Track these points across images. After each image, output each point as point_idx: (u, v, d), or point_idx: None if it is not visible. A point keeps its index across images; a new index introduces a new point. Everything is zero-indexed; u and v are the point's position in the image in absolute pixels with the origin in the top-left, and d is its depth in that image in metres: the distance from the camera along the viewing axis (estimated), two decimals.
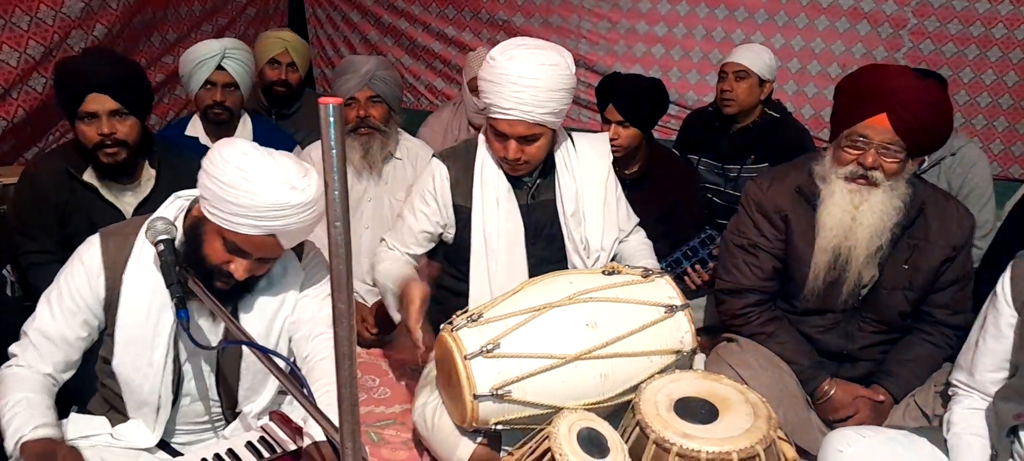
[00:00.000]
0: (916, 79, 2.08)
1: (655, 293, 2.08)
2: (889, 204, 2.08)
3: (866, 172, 2.08)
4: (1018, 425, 1.87)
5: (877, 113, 2.03)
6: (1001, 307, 1.91)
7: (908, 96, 2.02)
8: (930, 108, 2.04)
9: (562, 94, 2.11)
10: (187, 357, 1.79)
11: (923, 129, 2.04)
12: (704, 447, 1.75)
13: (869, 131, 2.06)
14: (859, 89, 2.11)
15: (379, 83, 2.80)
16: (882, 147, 2.05)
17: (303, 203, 1.59)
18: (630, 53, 4.79)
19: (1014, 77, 4.38)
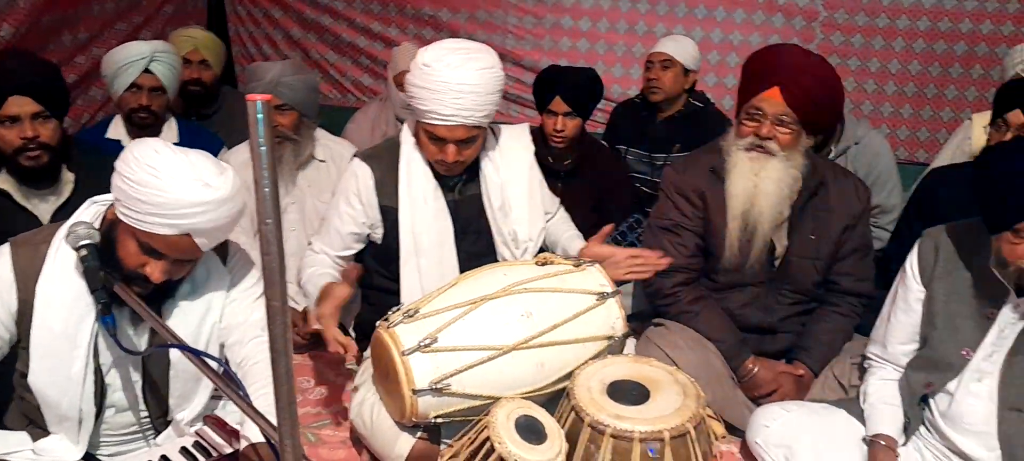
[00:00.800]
0: (806, 56, 2.24)
1: (587, 281, 2.13)
2: (786, 173, 2.22)
3: (762, 142, 2.21)
4: (928, 394, 1.99)
5: (770, 87, 2.18)
6: (910, 283, 2.02)
7: (798, 71, 2.17)
8: (819, 82, 2.18)
9: (498, 95, 2.15)
10: (110, 367, 1.73)
11: (813, 102, 2.18)
12: (637, 427, 1.80)
13: (764, 104, 2.19)
14: (755, 66, 2.26)
15: (285, 90, 2.71)
16: (776, 119, 2.18)
17: (217, 200, 1.55)
18: (556, 48, 4.85)
19: (917, 66, 4.62)
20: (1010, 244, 1.71)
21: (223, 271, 1.80)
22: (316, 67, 5.09)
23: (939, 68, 4.60)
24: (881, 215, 3.18)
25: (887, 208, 3.16)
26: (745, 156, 2.25)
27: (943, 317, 1.94)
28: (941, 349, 1.94)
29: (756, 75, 2.23)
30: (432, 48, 2.12)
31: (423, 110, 2.10)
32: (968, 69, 4.58)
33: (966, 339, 1.90)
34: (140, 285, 1.62)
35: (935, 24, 4.52)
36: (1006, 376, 1.83)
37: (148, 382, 1.76)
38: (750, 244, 2.31)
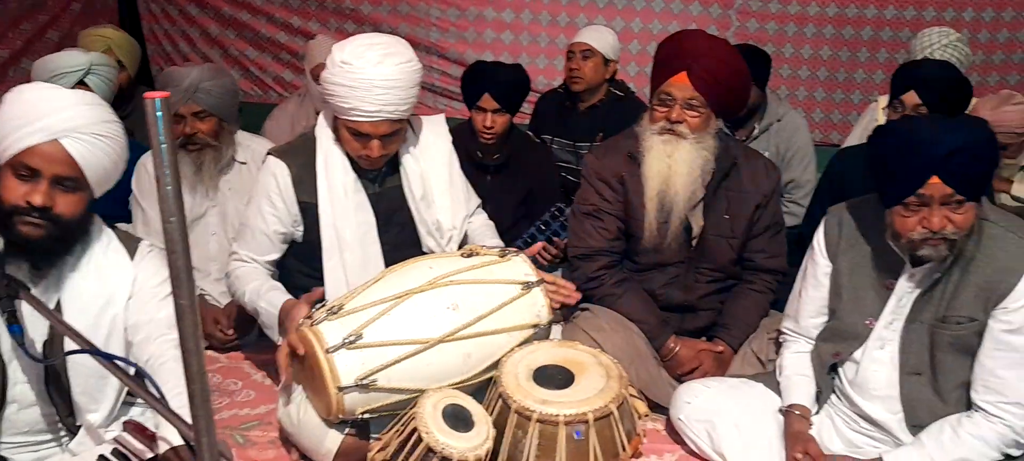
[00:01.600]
0: (711, 41, 2.32)
1: (512, 271, 2.15)
2: (697, 155, 2.30)
3: (672, 126, 2.27)
4: (836, 363, 2.09)
5: (678, 72, 2.24)
6: (818, 259, 2.12)
7: (704, 56, 2.24)
8: (724, 66, 2.26)
9: (418, 88, 2.17)
10: (10, 358, 1.67)
11: (720, 85, 2.25)
12: (562, 411, 1.85)
13: (673, 89, 2.26)
14: (663, 53, 2.33)
15: (204, 96, 2.64)
16: (685, 103, 2.26)
17: (76, 101, 1.62)
18: (480, 40, 4.86)
19: (828, 51, 4.81)
20: (901, 217, 1.81)
21: (128, 266, 1.78)
22: (235, 65, 4.98)
23: (848, 52, 4.80)
24: (796, 189, 3.32)
25: (801, 183, 3.30)
26: (658, 140, 2.32)
27: (848, 289, 2.04)
28: (847, 320, 2.04)
29: (664, 61, 2.30)
30: (348, 45, 2.11)
31: (346, 108, 2.10)
32: (874, 53, 4.79)
33: (869, 309, 2.00)
34: (29, 222, 1.60)
35: (842, 10, 4.71)
36: (905, 342, 1.94)
37: (50, 377, 1.71)
38: (667, 224, 2.38)
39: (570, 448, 1.85)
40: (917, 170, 1.74)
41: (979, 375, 1.86)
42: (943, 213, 1.75)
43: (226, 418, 2.40)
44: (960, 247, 1.81)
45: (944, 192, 1.73)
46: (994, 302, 1.81)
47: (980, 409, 1.86)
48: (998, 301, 1.80)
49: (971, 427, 1.85)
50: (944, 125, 1.78)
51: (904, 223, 1.81)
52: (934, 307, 1.89)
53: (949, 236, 1.77)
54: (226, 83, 2.74)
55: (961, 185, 1.72)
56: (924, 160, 1.73)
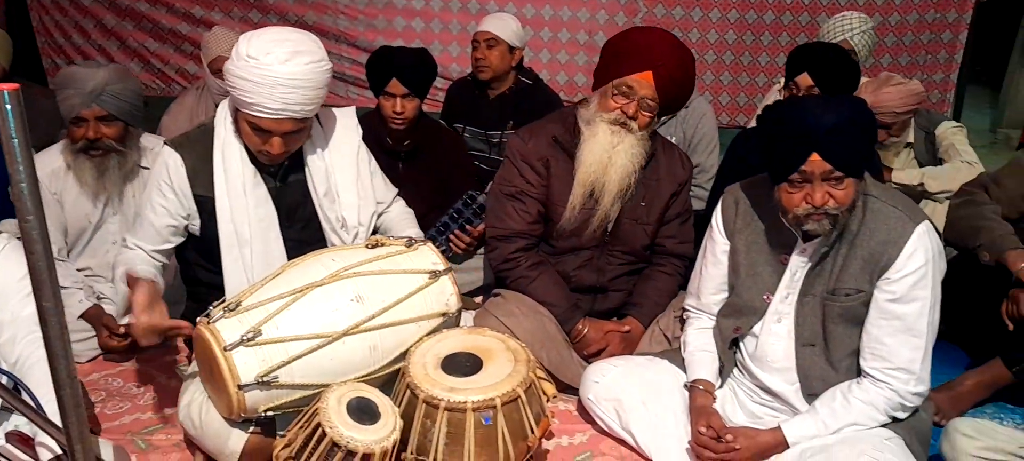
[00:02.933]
0: (676, 44, 2.33)
1: (419, 261, 2.14)
2: (639, 150, 2.33)
3: (626, 120, 2.29)
4: (737, 337, 2.16)
5: (645, 70, 2.25)
6: (716, 237, 2.18)
7: (671, 60, 2.26)
8: (685, 73, 2.31)
9: (326, 88, 2.10)
10: None
11: (678, 89, 2.30)
12: (470, 397, 1.84)
13: (635, 84, 2.27)
14: (630, 46, 2.31)
15: (111, 99, 2.52)
16: (644, 101, 2.27)
17: None
18: (391, 27, 4.81)
19: (733, 35, 4.94)
20: (787, 194, 1.88)
21: None
22: (135, 57, 4.80)
23: (752, 36, 4.95)
24: (701, 174, 3.40)
25: (706, 168, 3.38)
26: (607, 129, 2.31)
27: (745, 266, 2.10)
28: (745, 295, 2.11)
29: (628, 56, 2.29)
30: (255, 39, 2.01)
31: (248, 102, 2.01)
32: (777, 36, 4.95)
33: (766, 284, 2.07)
34: None
35: None
36: (799, 315, 2.02)
37: None
38: (592, 212, 2.40)
39: (479, 434, 1.85)
40: (798, 148, 1.81)
41: (866, 343, 1.95)
42: (825, 189, 1.82)
43: (128, 423, 2.32)
44: (843, 222, 1.89)
45: (824, 168, 1.80)
46: (878, 274, 1.89)
47: (868, 376, 1.95)
48: (882, 272, 1.89)
49: (860, 393, 1.94)
50: (822, 104, 1.85)
51: (789, 199, 1.88)
52: (825, 280, 1.97)
53: (830, 211, 1.85)
54: (132, 86, 2.62)
55: (839, 162, 1.79)
56: (804, 138, 1.80)
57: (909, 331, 1.89)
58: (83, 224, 2.65)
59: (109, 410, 2.38)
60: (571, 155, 2.40)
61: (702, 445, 2.01)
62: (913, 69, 5.00)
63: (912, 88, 3.18)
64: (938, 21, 4.96)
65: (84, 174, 2.57)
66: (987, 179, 2.61)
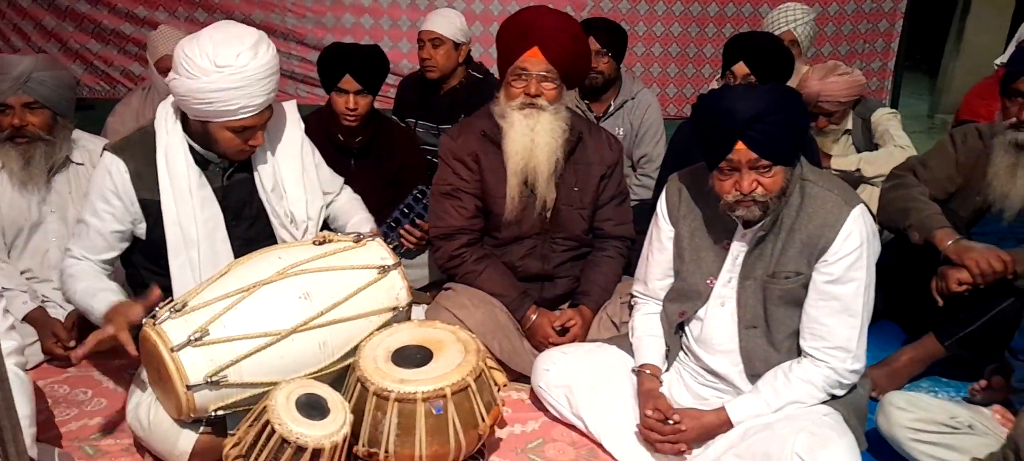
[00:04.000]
0: (558, 15, 2.40)
1: (367, 256, 2.15)
2: (556, 124, 2.38)
3: (532, 99, 2.34)
4: (682, 321, 2.21)
5: (531, 47, 2.31)
6: (661, 224, 2.23)
7: (554, 30, 2.32)
8: (572, 39, 2.35)
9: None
10: None
11: (569, 57, 2.35)
12: (420, 388, 1.87)
13: (527, 64, 2.32)
14: (514, 29, 2.37)
15: (37, 86, 2.47)
16: (540, 77, 2.33)
17: None
18: (340, 25, 4.79)
19: (678, 27, 5.03)
20: (719, 181, 1.94)
21: None
22: (77, 59, 4.71)
23: (697, 28, 5.04)
24: (648, 163, 3.46)
25: (652, 157, 3.44)
26: (520, 115, 2.37)
27: (689, 251, 2.16)
28: (690, 280, 2.16)
29: (515, 37, 2.35)
30: (209, 47, 2.00)
31: (233, 109, 2.04)
32: (721, 27, 5.05)
33: (709, 269, 2.13)
34: None
35: None
36: (741, 299, 2.07)
37: None
38: (530, 198, 2.45)
39: (430, 424, 1.88)
40: (724, 137, 1.87)
41: (806, 324, 2.02)
42: (752, 177, 1.88)
43: (74, 430, 2.28)
44: (775, 208, 1.95)
45: (750, 157, 1.86)
46: (816, 256, 1.96)
47: (808, 355, 2.01)
48: (819, 255, 1.95)
49: (800, 372, 2.00)
50: (746, 94, 1.90)
51: (721, 186, 1.94)
52: (765, 264, 2.03)
53: (758, 198, 1.91)
54: (61, 75, 2.57)
55: (764, 150, 1.85)
56: (728, 127, 1.85)
57: (846, 311, 1.96)
58: (21, 223, 2.60)
59: (56, 416, 2.34)
60: (500, 147, 2.43)
61: (649, 428, 2.06)
62: (852, 57, 5.14)
63: (856, 78, 3.29)
64: (875, 10, 5.10)
65: (10, 163, 2.52)
66: (915, 162, 2.70)
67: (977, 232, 2.58)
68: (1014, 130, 2.45)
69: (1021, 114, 2.42)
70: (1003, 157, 2.48)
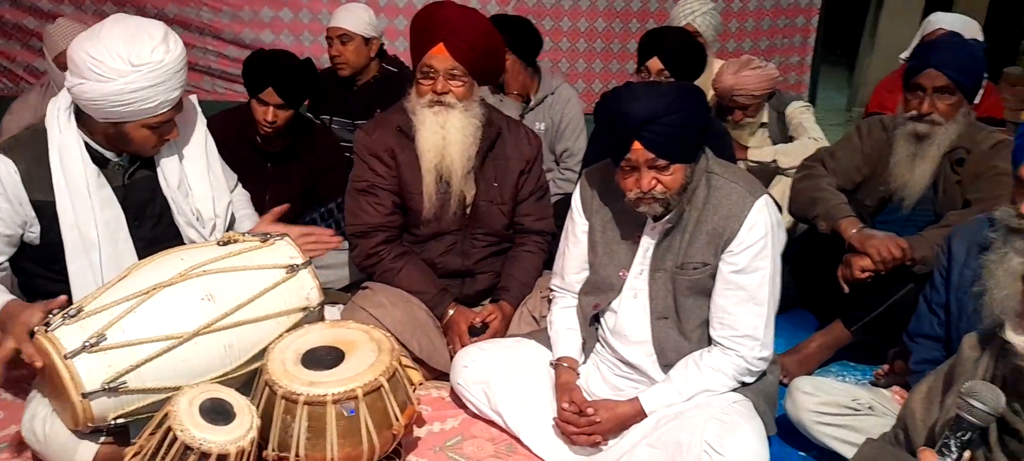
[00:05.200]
0: (464, 11, 2.37)
1: (275, 256, 2.09)
2: (468, 122, 2.36)
3: (439, 97, 2.32)
4: (597, 313, 2.23)
5: (436, 44, 2.28)
6: (576, 217, 2.24)
7: (459, 26, 2.29)
8: (479, 35, 2.33)
9: None
10: None
11: (477, 53, 2.32)
12: (330, 390, 1.83)
13: (433, 61, 2.30)
14: (420, 25, 2.35)
15: None
16: (447, 74, 2.30)
17: None
18: (257, 18, 4.67)
19: (602, 23, 5.07)
20: (622, 178, 1.97)
21: None
22: None
23: (620, 24, 5.08)
24: (569, 158, 3.48)
25: (574, 152, 3.47)
26: (429, 113, 2.35)
27: (602, 244, 2.17)
28: (603, 273, 2.18)
29: (421, 34, 2.33)
30: (122, 45, 1.92)
31: (153, 107, 1.98)
32: (644, 23, 5.11)
33: (621, 261, 2.14)
34: None
35: None
36: (653, 290, 2.10)
37: None
38: (446, 194, 2.43)
39: (341, 426, 1.84)
40: (621, 137, 1.90)
41: (714, 313, 2.06)
42: (651, 175, 1.91)
43: None
44: (677, 204, 1.98)
45: (647, 157, 1.89)
46: (722, 247, 1.99)
47: (717, 344, 2.05)
48: (725, 246, 1.99)
49: (710, 360, 2.04)
50: (641, 94, 1.91)
51: (624, 183, 1.97)
52: (674, 256, 2.05)
53: (658, 196, 1.94)
54: None
55: (661, 150, 1.88)
56: (624, 127, 1.88)
57: (752, 300, 2.00)
58: None
59: None
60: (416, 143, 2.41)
61: (565, 420, 2.07)
62: (772, 52, 5.27)
63: (768, 72, 3.37)
64: (792, 6, 5.24)
65: None
66: (824, 153, 2.79)
67: (881, 220, 2.69)
68: (914, 122, 2.54)
69: (921, 107, 2.51)
70: (904, 147, 2.58)
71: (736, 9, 5.16)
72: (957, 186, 2.54)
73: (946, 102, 2.49)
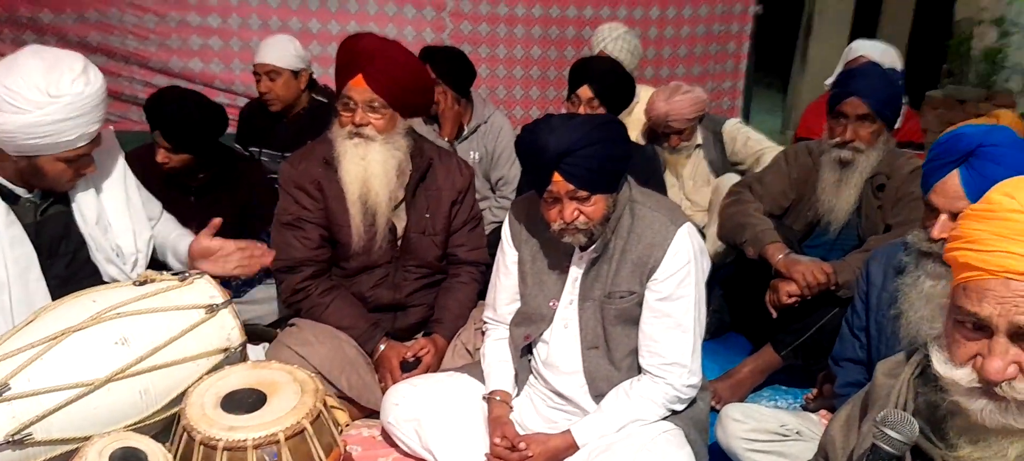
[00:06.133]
0: (384, 43, 2.34)
1: (194, 296, 2.02)
2: (390, 155, 2.33)
3: (358, 129, 2.28)
4: (528, 344, 2.21)
5: (355, 75, 2.26)
6: (506, 248, 2.22)
7: (376, 58, 2.26)
8: (398, 67, 2.30)
9: None
10: None
11: (396, 86, 2.29)
12: (250, 434, 1.76)
13: (353, 93, 2.28)
14: (342, 55, 2.33)
15: None
16: (367, 106, 2.27)
17: None
18: (186, 46, 4.56)
19: (538, 50, 5.09)
20: (545, 209, 1.97)
21: None
22: None
23: (556, 52, 5.11)
24: (504, 186, 3.48)
25: (509, 179, 3.46)
26: (350, 144, 2.32)
27: (532, 275, 2.16)
28: (533, 304, 2.16)
29: (342, 64, 2.30)
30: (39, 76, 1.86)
31: (71, 140, 1.92)
32: (579, 51, 5.13)
33: (551, 292, 2.13)
34: None
35: (547, 10, 5.01)
36: (582, 320, 2.09)
37: None
38: (373, 226, 2.39)
39: None
40: (541, 169, 1.90)
41: (642, 342, 2.06)
42: (573, 206, 1.92)
43: None
44: (600, 234, 1.99)
45: (567, 188, 1.89)
46: (647, 275, 2.00)
47: (647, 372, 2.05)
48: (650, 274, 2.00)
49: (640, 389, 2.04)
50: (558, 127, 1.91)
51: (548, 214, 1.97)
52: (602, 285, 2.05)
53: (580, 226, 1.94)
54: None
55: (580, 182, 1.89)
56: (543, 160, 1.89)
57: (678, 327, 2.01)
58: None
59: None
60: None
61: (497, 456, 2.04)
62: (705, 78, 5.37)
63: (698, 96, 3.42)
64: (723, 33, 5.36)
65: None
66: (752, 179, 2.84)
67: (808, 245, 2.74)
68: (838, 149, 2.60)
69: (845, 134, 2.57)
70: (829, 173, 2.64)
71: (669, 36, 5.25)
72: (879, 211, 2.61)
73: (868, 130, 2.56)
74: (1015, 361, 1.09)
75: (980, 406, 1.11)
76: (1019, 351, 1.09)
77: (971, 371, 1.12)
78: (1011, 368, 1.09)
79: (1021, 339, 1.09)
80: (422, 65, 2.41)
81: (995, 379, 1.08)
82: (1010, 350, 1.09)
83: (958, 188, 1.76)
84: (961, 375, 1.13)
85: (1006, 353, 1.09)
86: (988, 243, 1.11)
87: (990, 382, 1.09)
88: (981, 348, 1.11)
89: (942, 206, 1.79)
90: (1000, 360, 1.09)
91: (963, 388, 1.13)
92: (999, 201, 1.14)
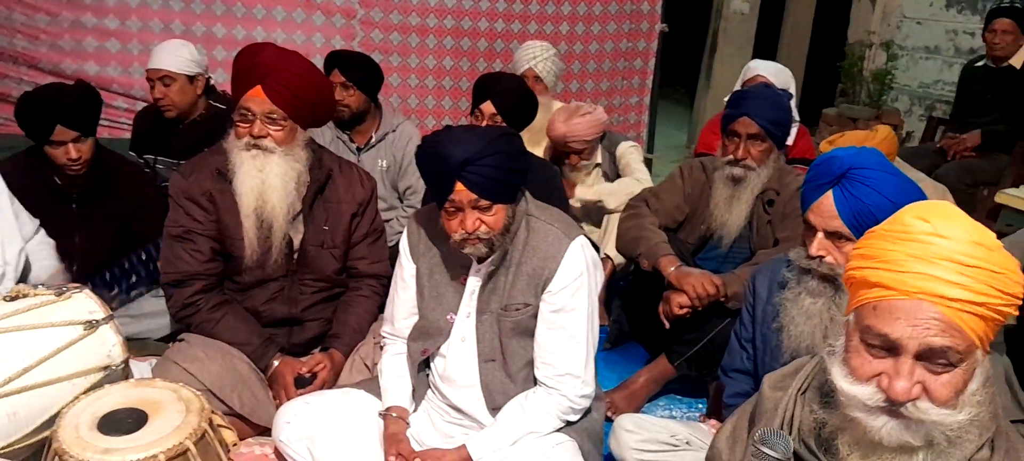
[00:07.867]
0: (284, 54, 2.31)
1: (72, 311, 1.94)
2: (289, 167, 2.30)
3: (256, 141, 2.25)
4: (426, 358, 2.20)
5: (253, 86, 2.22)
6: (404, 261, 2.21)
7: (276, 69, 2.24)
8: (298, 78, 2.27)
9: None
10: None
11: (296, 97, 2.27)
12: (127, 457, 1.70)
13: (252, 104, 2.24)
14: (238, 65, 2.29)
15: None
16: (265, 117, 2.24)
17: None
18: (80, 49, 4.36)
19: (450, 61, 5.09)
20: (446, 220, 1.97)
21: None
22: None
23: (468, 63, 5.13)
24: (412, 195, 3.46)
25: (417, 189, 3.45)
26: (247, 156, 2.28)
27: (429, 288, 2.15)
28: (431, 317, 2.15)
29: (240, 75, 2.26)
30: None
31: None
32: (491, 63, 5.18)
33: (449, 305, 2.13)
34: None
35: (459, 22, 5.02)
36: (479, 333, 2.09)
37: None
38: (269, 240, 2.34)
39: None
40: (444, 178, 1.90)
41: (537, 353, 2.08)
42: (475, 216, 1.93)
43: None
44: (500, 244, 2.00)
45: (470, 197, 1.90)
46: (542, 287, 2.02)
47: (541, 384, 2.07)
48: (544, 286, 2.02)
49: (535, 401, 2.05)
50: (460, 137, 1.93)
51: (449, 224, 1.97)
52: (498, 297, 2.06)
53: (482, 236, 1.95)
54: None
55: (482, 191, 1.90)
56: (446, 168, 1.89)
57: (572, 339, 2.04)
58: None
59: None
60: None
61: None
62: (612, 93, 5.49)
63: (598, 117, 3.48)
64: (630, 50, 5.48)
65: None
66: (649, 193, 2.92)
67: (701, 257, 2.83)
68: (730, 166, 2.70)
69: (737, 152, 2.67)
70: (722, 190, 2.73)
71: (578, 52, 5.34)
72: (769, 226, 2.71)
73: (758, 148, 2.66)
74: (920, 381, 1.12)
75: (880, 423, 1.14)
76: (924, 372, 1.12)
77: (876, 389, 1.14)
78: (916, 388, 1.11)
79: (927, 359, 1.11)
80: (323, 76, 2.37)
81: (902, 399, 1.11)
82: (916, 371, 1.11)
83: (832, 208, 1.84)
84: (863, 392, 1.15)
85: (912, 374, 1.11)
86: (903, 264, 1.12)
87: (896, 402, 1.12)
88: (887, 367, 1.13)
89: (818, 225, 1.87)
90: (907, 381, 1.11)
91: (864, 405, 1.15)
92: (913, 224, 1.15)
